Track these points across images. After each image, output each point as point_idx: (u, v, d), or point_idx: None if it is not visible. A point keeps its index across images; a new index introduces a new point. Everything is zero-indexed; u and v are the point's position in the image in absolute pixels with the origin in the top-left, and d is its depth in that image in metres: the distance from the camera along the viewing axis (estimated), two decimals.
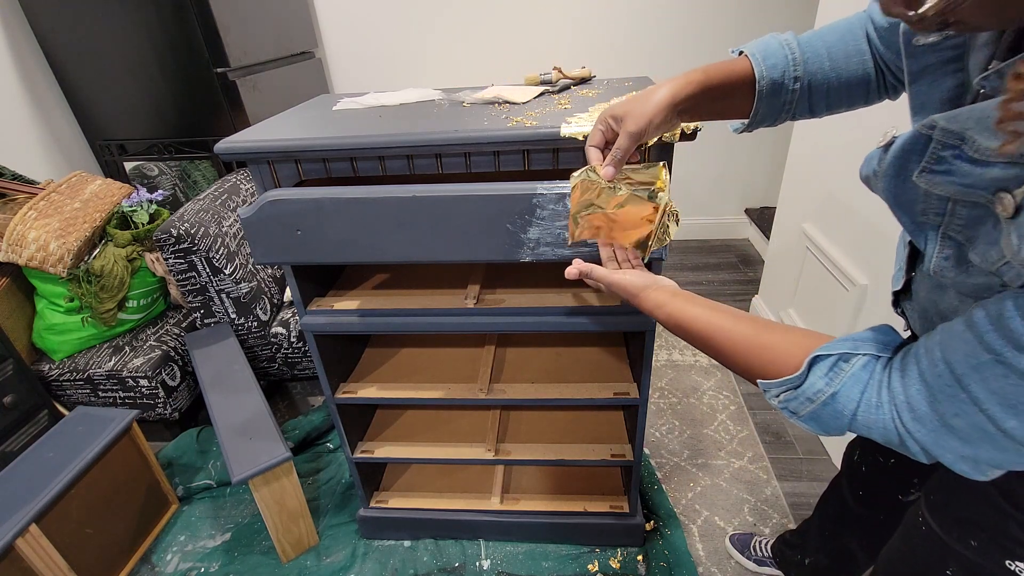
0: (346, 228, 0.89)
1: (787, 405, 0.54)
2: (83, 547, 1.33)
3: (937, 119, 0.44)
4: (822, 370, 0.51)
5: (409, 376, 1.32)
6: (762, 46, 0.69)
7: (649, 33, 2.55)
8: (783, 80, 0.68)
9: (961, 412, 0.43)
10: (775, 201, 2.14)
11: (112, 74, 1.98)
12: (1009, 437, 0.42)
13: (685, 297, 0.67)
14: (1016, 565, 0.59)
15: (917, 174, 0.46)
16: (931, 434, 0.45)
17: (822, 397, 0.51)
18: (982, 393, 0.42)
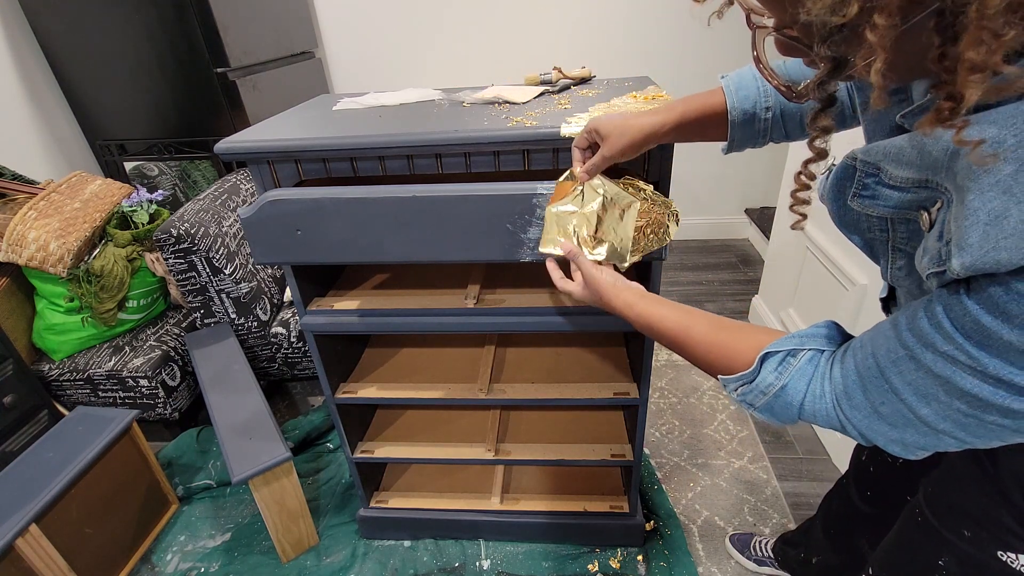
0: (346, 228, 0.89)
1: (744, 398, 0.58)
2: (83, 547, 1.33)
3: (856, 152, 0.50)
4: (772, 365, 0.56)
5: (409, 376, 1.32)
6: (737, 78, 0.76)
7: (649, 33, 2.55)
8: (755, 111, 0.75)
9: (886, 400, 0.48)
10: (775, 201, 2.14)
11: (112, 74, 1.98)
12: (925, 423, 0.46)
13: (652, 298, 0.72)
14: (1008, 555, 0.60)
15: (850, 199, 0.52)
16: (865, 420, 0.50)
17: (773, 390, 0.55)
18: (900, 384, 0.46)
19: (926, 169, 0.43)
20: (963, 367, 0.42)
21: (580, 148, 0.81)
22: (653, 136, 0.76)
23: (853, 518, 1.03)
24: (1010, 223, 0.36)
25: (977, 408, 0.43)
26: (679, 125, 0.76)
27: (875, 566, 0.79)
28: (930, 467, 0.72)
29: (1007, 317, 0.38)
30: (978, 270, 0.38)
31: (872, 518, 1.00)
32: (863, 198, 0.51)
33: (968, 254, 0.38)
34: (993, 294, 0.38)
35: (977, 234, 0.37)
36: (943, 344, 0.42)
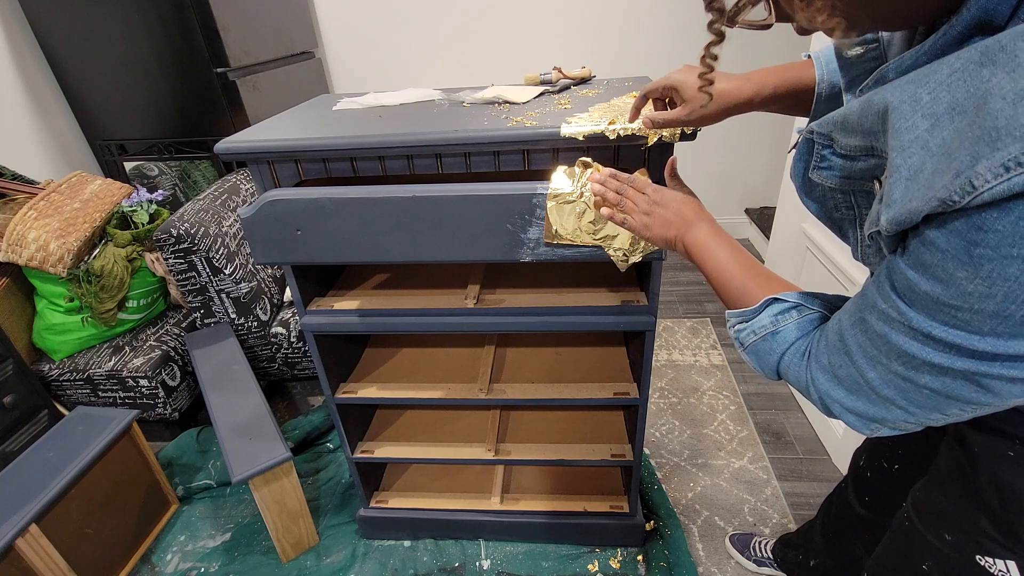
0: (346, 228, 0.89)
1: (738, 335, 0.60)
2: (83, 547, 1.33)
3: (812, 125, 0.52)
4: (774, 310, 0.57)
5: (409, 376, 1.32)
6: (828, 51, 0.74)
7: (649, 33, 2.55)
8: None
9: (843, 364, 0.50)
10: (775, 201, 2.14)
11: (112, 74, 1.98)
12: (872, 389, 0.48)
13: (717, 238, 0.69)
14: (986, 560, 0.61)
15: (811, 171, 0.54)
16: (826, 383, 0.52)
17: (763, 332, 0.57)
18: (853, 346, 0.48)
19: (868, 135, 0.44)
20: (896, 324, 0.43)
21: (649, 97, 0.82)
22: (742, 106, 0.76)
23: (851, 523, 1.04)
24: (924, 175, 0.37)
25: (911, 368, 0.44)
26: (771, 97, 0.76)
27: (868, 571, 0.80)
28: (921, 473, 0.73)
29: (924, 268, 0.39)
30: (899, 223, 0.39)
31: (869, 523, 1.00)
32: (821, 169, 0.52)
33: (892, 208, 0.39)
34: (914, 249, 0.40)
35: (900, 190, 0.39)
36: (882, 303, 0.44)
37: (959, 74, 0.36)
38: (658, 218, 0.73)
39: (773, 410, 1.86)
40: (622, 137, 0.85)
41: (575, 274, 1.19)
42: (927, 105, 0.37)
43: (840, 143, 0.48)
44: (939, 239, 0.38)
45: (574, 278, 1.18)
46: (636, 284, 1.15)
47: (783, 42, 2.48)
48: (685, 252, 0.71)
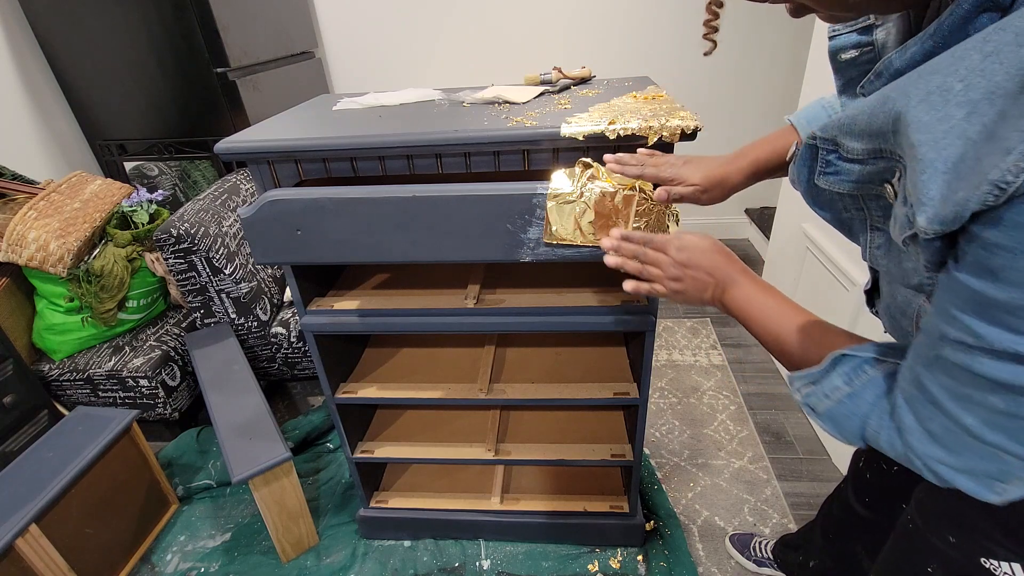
0: (346, 228, 0.89)
1: (807, 400, 0.54)
2: (83, 547, 1.33)
3: (815, 131, 0.50)
4: (845, 368, 0.51)
5: (409, 376, 1.32)
6: (805, 112, 0.79)
7: (649, 33, 2.55)
8: None
9: (931, 416, 0.43)
10: (775, 201, 2.14)
11: (112, 74, 1.98)
12: (974, 437, 0.41)
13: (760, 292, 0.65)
14: (990, 562, 0.60)
15: (817, 177, 0.52)
16: (922, 445, 0.44)
17: (838, 395, 0.51)
18: (936, 390, 0.42)
19: (876, 138, 0.43)
20: (976, 351, 0.38)
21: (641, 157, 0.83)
22: (743, 184, 0.81)
23: (851, 523, 1.03)
24: (967, 163, 0.35)
25: (1010, 400, 0.38)
26: (765, 171, 0.81)
27: (874, 574, 0.80)
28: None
29: (992, 274, 0.36)
30: (945, 222, 0.36)
31: (870, 524, 1.00)
32: (827, 175, 0.51)
33: (930, 206, 0.37)
34: (973, 255, 0.37)
35: (937, 185, 0.36)
36: (952, 330, 0.39)
37: (994, 57, 0.34)
38: (690, 281, 0.67)
39: (773, 410, 1.86)
40: (622, 137, 0.85)
41: (575, 274, 1.19)
42: (960, 93, 0.35)
43: (846, 147, 0.47)
44: (1000, 237, 0.34)
45: (574, 278, 1.18)
46: None
47: (784, 45, 2.48)
48: (724, 310, 0.66)
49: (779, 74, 2.57)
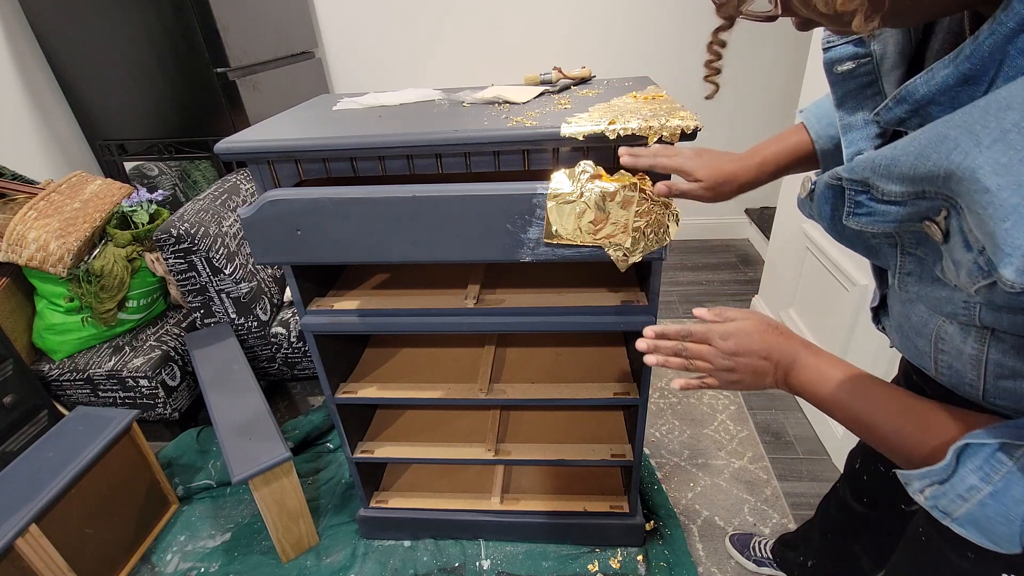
0: (346, 228, 0.89)
1: (936, 503, 0.45)
2: (83, 547, 1.33)
3: (840, 172, 0.47)
4: (976, 462, 0.43)
5: (409, 376, 1.32)
6: (815, 108, 0.77)
7: (649, 33, 2.55)
8: None
9: None
10: (775, 201, 2.14)
11: (112, 74, 1.98)
12: None
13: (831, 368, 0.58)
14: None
15: (845, 217, 0.49)
16: None
17: (978, 496, 0.43)
18: None
19: (923, 181, 0.40)
20: None
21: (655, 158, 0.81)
22: (751, 184, 0.80)
23: (849, 523, 1.03)
24: None
25: None
26: (775, 171, 0.80)
27: None
28: None
29: None
30: None
31: (868, 523, 1.00)
32: (858, 216, 0.47)
33: (1018, 257, 0.33)
34: None
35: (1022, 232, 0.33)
36: None
37: None
38: (745, 369, 0.61)
39: (773, 410, 1.86)
40: (622, 137, 0.85)
41: (575, 274, 1.19)
42: None
43: (882, 190, 0.43)
44: None
45: (574, 278, 1.18)
46: (636, 284, 1.15)
47: (784, 44, 2.48)
48: (793, 393, 0.60)
49: (779, 73, 2.58)
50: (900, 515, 0.93)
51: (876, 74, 0.53)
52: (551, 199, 0.84)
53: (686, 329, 0.65)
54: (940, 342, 0.55)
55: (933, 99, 0.42)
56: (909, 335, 0.60)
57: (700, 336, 0.64)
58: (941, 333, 0.54)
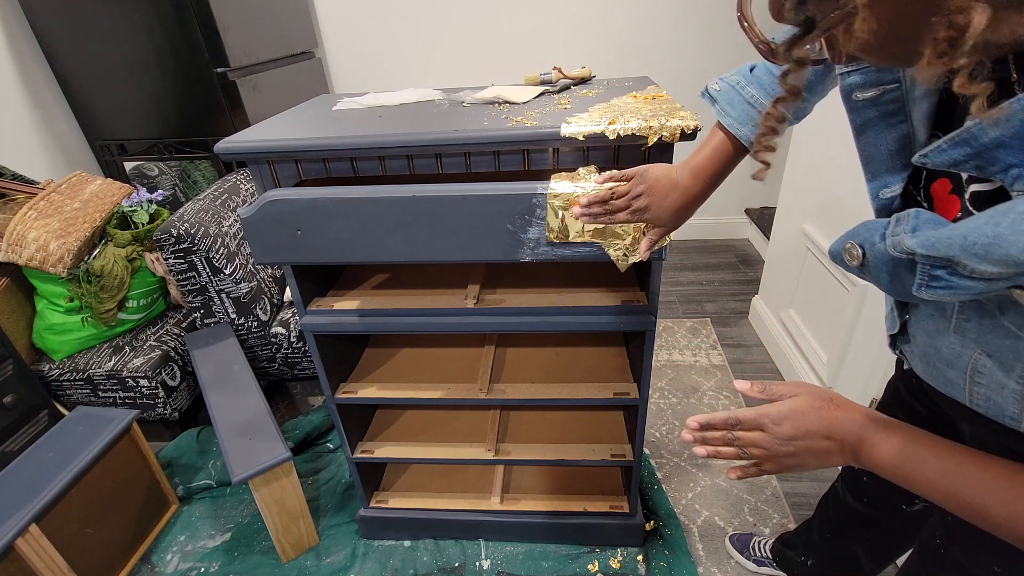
0: (346, 228, 0.89)
1: None
2: (83, 547, 1.33)
3: (914, 248, 0.43)
4: None
5: (409, 376, 1.32)
6: (733, 110, 0.76)
7: (649, 33, 2.55)
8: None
9: None
10: (775, 201, 2.14)
11: (112, 74, 1.98)
12: None
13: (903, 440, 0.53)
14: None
15: (917, 289, 0.45)
16: None
17: None
18: None
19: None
20: None
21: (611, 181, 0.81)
22: (699, 202, 0.79)
23: (848, 523, 1.03)
24: None
25: None
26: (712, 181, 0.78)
27: None
28: None
29: None
30: None
31: (867, 522, 1.00)
32: (934, 289, 0.44)
33: None
34: None
35: None
36: None
37: None
38: (806, 452, 0.56)
39: None
40: (622, 137, 0.85)
41: (575, 274, 1.19)
42: None
43: (972, 268, 0.40)
44: None
45: (574, 278, 1.18)
46: (636, 284, 1.15)
47: None
48: (869, 470, 0.56)
49: None
50: (900, 515, 0.93)
51: (904, 101, 0.50)
52: (551, 199, 0.84)
53: (734, 417, 0.60)
54: (977, 375, 0.53)
55: (1003, 143, 0.39)
56: (938, 366, 0.58)
57: (751, 422, 0.58)
58: (978, 367, 0.52)
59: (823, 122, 1.64)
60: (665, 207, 0.78)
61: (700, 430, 0.62)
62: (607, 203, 0.79)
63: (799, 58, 0.44)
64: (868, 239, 0.48)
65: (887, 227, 0.47)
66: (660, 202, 0.78)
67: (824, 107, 0.83)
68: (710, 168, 0.78)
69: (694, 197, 0.78)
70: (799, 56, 0.44)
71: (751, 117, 0.74)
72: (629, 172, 0.79)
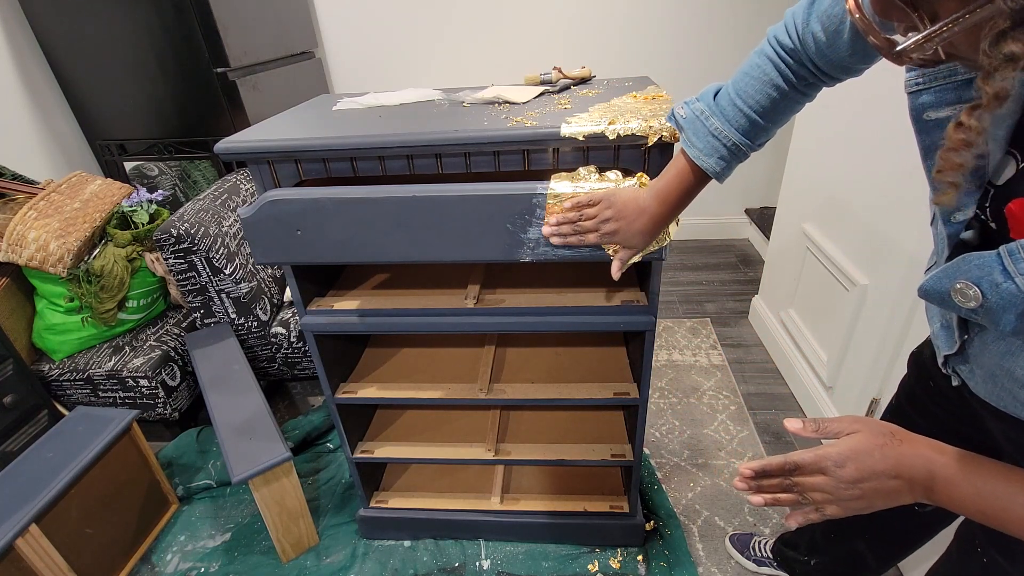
0: (346, 228, 0.89)
1: None
2: (83, 547, 1.33)
3: None
4: None
5: (409, 376, 1.32)
6: (699, 141, 0.75)
7: (649, 33, 2.55)
8: (729, 157, 0.75)
9: None
10: (775, 201, 2.14)
11: (112, 74, 1.98)
12: None
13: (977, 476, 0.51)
14: None
15: None
16: None
17: None
18: None
19: None
20: None
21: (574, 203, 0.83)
22: (649, 232, 0.81)
23: (852, 522, 1.03)
24: None
25: None
26: (677, 208, 0.80)
27: None
28: None
29: None
30: None
31: (873, 521, 0.99)
32: None
33: None
34: None
35: None
36: None
37: None
38: (873, 494, 0.54)
39: (773, 410, 1.86)
40: (622, 137, 0.85)
41: (575, 274, 1.20)
42: None
43: None
44: None
45: (574, 278, 1.18)
46: (636, 284, 1.15)
47: None
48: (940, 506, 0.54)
49: None
50: (910, 515, 0.92)
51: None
52: (551, 199, 0.84)
53: (791, 462, 0.56)
54: None
55: None
56: (1007, 386, 0.56)
57: (811, 466, 0.55)
58: None
59: (823, 122, 1.64)
60: (634, 231, 0.81)
61: (755, 478, 0.59)
62: (576, 223, 0.82)
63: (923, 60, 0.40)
64: (986, 278, 0.45)
65: (1003, 263, 0.44)
66: (628, 227, 0.81)
67: (824, 107, 0.83)
68: (676, 193, 0.79)
69: (661, 220, 0.81)
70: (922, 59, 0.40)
71: (715, 149, 0.74)
72: (596, 196, 0.81)
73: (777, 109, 0.72)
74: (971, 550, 0.69)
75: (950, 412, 0.76)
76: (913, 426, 0.59)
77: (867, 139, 1.46)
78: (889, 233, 1.37)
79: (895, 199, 1.35)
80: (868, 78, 0.72)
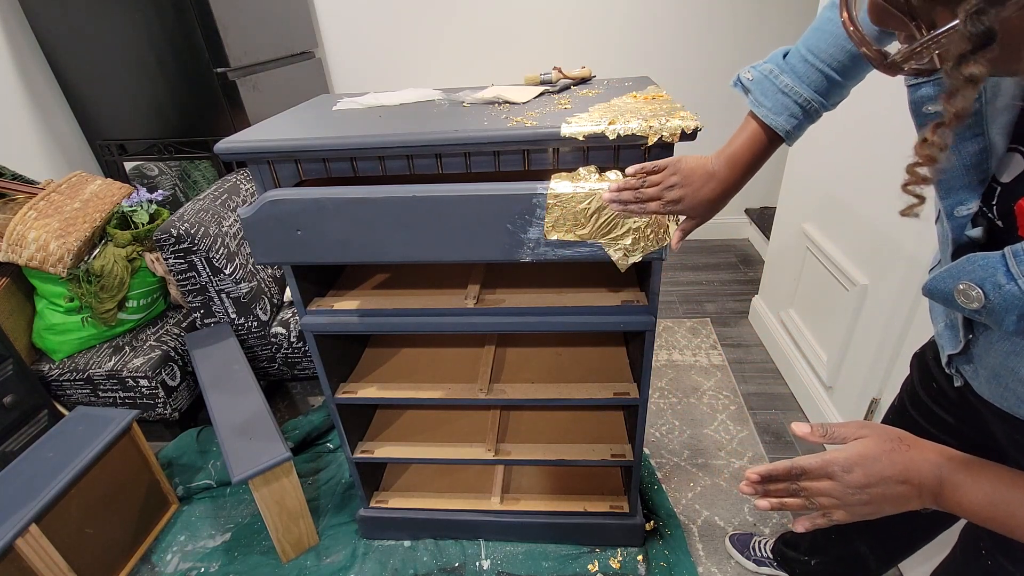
0: (346, 228, 0.89)
1: None
2: (83, 547, 1.33)
3: None
4: None
5: (409, 376, 1.32)
6: (767, 100, 0.73)
7: (649, 33, 2.55)
8: (800, 117, 0.73)
9: None
10: (775, 201, 2.14)
11: (112, 74, 1.98)
12: None
13: (988, 482, 0.51)
14: None
15: None
16: None
17: None
18: None
19: None
20: None
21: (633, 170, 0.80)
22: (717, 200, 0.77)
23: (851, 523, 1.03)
24: None
25: None
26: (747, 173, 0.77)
27: None
28: None
29: None
30: None
31: (876, 521, 0.99)
32: None
33: None
34: None
35: None
36: None
37: None
38: (883, 500, 0.54)
39: (773, 410, 1.86)
40: (622, 137, 0.85)
41: (575, 274, 1.20)
42: None
43: None
44: None
45: (574, 278, 1.18)
46: (636, 284, 1.15)
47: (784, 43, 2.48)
48: (949, 511, 0.54)
49: None
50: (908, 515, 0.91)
51: (982, 114, 0.48)
52: (552, 199, 0.84)
53: (798, 467, 0.56)
54: None
55: None
56: (1011, 386, 0.57)
57: (818, 470, 0.55)
58: None
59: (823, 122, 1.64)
60: (700, 199, 0.77)
61: (761, 482, 0.59)
62: (638, 191, 0.78)
63: (917, 70, 0.40)
64: (989, 279, 0.45)
65: (1007, 264, 0.44)
66: (695, 194, 0.76)
67: None
68: (746, 157, 0.76)
69: (731, 187, 0.77)
70: (917, 68, 0.40)
71: (786, 107, 0.72)
72: (661, 163, 0.78)
73: (856, 63, 0.69)
74: (976, 553, 0.69)
75: (953, 414, 0.76)
76: (915, 428, 0.59)
77: (867, 139, 1.46)
78: (889, 233, 1.37)
79: (895, 199, 1.35)
80: (868, 78, 0.72)
